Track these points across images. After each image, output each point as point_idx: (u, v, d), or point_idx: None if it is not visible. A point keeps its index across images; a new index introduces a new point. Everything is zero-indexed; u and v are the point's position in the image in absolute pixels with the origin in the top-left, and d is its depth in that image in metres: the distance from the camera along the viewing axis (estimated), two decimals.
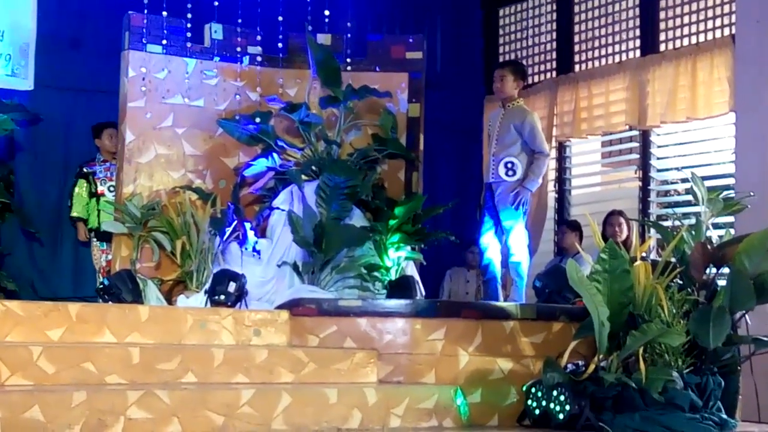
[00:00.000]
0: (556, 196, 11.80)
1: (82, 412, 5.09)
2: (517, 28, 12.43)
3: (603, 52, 11.43)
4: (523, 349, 6.65)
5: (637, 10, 11.09)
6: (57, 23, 10.34)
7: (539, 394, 6.24)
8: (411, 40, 10.36)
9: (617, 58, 11.24)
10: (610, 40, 11.37)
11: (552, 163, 11.67)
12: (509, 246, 8.76)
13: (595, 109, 11.23)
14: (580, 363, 6.40)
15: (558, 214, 11.73)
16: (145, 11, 9.37)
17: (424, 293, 8.94)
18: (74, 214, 9.91)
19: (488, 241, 8.91)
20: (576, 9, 11.73)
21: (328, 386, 6.05)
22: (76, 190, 9.92)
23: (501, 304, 7.50)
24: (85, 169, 9.90)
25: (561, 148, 11.77)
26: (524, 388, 6.38)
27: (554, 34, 11.94)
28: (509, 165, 8.59)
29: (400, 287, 8.59)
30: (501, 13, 12.61)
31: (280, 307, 7.05)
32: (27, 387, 5.32)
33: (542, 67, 12.10)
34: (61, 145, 10.37)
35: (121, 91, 9.40)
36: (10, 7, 10.12)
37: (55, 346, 5.76)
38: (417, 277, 9.27)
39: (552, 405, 6.12)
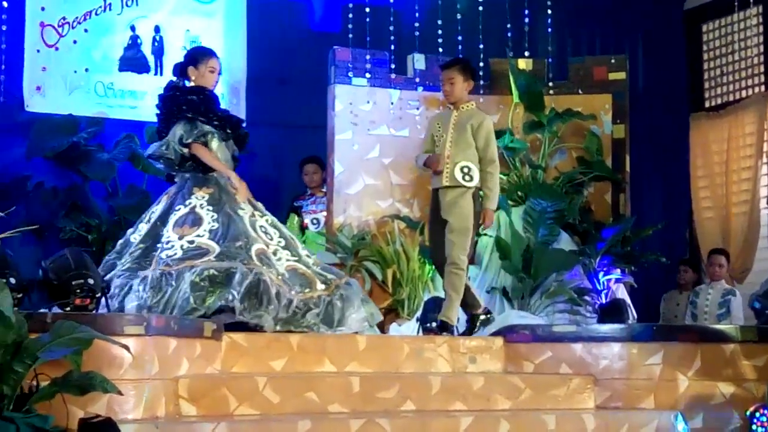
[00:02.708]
0: None
1: None
2: (721, 43, 12.13)
3: None
4: (745, 373, 6.43)
5: None
6: (266, 62, 10.69)
7: (763, 419, 6.05)
8: (613, 61, 10.30)
9: None
10: None
11: (764, 179, 11.34)
12: (452, 255, 7.51)
13: None
14: None
15: None
16: (350, 45, 9.63)
17: (635, 317, 8.80)
18: None
19: None
20: None
21: (545, 412, 6.02)
22: (287, 224, 10.13)
23: (720, 326, 7.31)
24: (295, 204, 10.13)
25: None
26: (747, 413, 6.19)
27: (762, 47, 11.59)
28: (465, 170, 7.56)
29: (611, 311, 8.47)
30: (704, 28, 12.33)
31: (494, 333, 7.06)
32: (254, 416, 5.48)
33: (749, 82, 11.76)
34: (272, 180, 10.67)
35: (329, 124, 9.64)
36: (224, 49, 10.53)
37: (279, 376, 5.91)
38: (628, 301, 9.14)
39: None
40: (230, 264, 6.45)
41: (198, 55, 7.22)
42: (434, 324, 7.65)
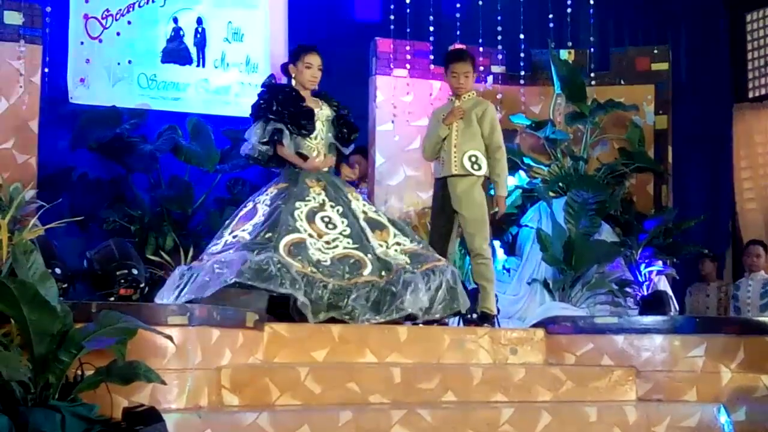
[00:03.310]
0: None
1: (349, 431, 5.25)
2: (766, 32, 12.02)
3: None
4: None
5: None
6: None
7: None
8: (656, 51, 10.25)
9: None
10: None
11: None
12: (476, 247, 7.66)
13: None
14: None
15: None
16: (391, 36, 9.64)
17: (677, 308, 8.77)
18: None
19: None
20: None
21: (587, 404, 6.01)
22: None
23: (763, 318, 7.26)
24: None
25: None
26: None
27: None
28: (473, 158, 7.54)
29: (653, 303, 8.47)
30: (748, 18, 12.22)
31: (535, 325, 7.04)
32: (296, 406, 5.50)
33: None
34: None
35: (370, 115, 9.66)
36: (265, 40, 10.56)
37: (321, 366, 5.92)
38: (670, 292, 9.11)
39: None
40: (233, 255, 6.40)
41: (296, 52, 7.34)
42: (474, 315, 7.65)
